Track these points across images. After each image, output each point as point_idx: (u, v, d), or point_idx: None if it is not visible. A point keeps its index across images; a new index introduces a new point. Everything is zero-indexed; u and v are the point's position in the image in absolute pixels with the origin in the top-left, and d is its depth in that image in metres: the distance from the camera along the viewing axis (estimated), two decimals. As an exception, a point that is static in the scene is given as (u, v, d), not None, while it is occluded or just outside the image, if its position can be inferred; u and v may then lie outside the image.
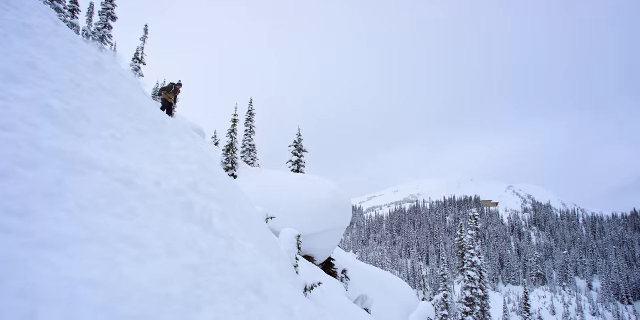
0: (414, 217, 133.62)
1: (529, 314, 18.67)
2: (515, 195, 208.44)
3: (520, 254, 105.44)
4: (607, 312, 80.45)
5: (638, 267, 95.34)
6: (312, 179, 12.89)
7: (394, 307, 12.57)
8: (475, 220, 20.80)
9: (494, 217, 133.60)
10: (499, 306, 79.13)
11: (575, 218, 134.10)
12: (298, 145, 18.64)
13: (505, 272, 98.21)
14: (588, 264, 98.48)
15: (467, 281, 19.35)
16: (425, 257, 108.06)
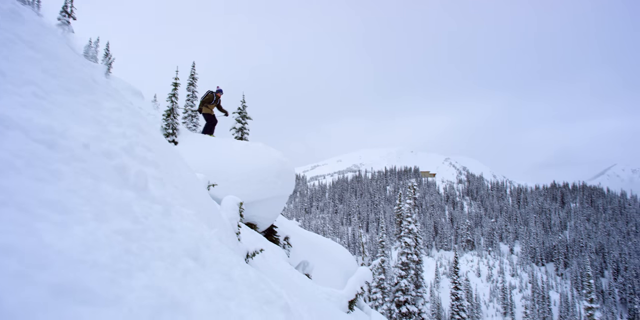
0: (356, 186, 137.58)
1: (457, 276, 20.21)
2: (452, 166, 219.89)
3: (453, 221, 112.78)
4: (523, 273, 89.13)
5: (552, 233, 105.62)
6: (256, 146, 12.72)
7: (334, 272, 13.05)
8: (414, 190, 21.70)
9: (431, 187, 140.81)
10: (432, 270, 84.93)
11: (503, 189, 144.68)
12: (242, 112, 18.19)
13: (438, 239, 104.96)
14: (511, 231, 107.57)
15: (404, 247, 20.40)
16: (365, 224, 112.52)
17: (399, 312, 19.40)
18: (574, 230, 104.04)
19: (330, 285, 11.07)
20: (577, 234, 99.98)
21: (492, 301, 78.94)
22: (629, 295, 78.00)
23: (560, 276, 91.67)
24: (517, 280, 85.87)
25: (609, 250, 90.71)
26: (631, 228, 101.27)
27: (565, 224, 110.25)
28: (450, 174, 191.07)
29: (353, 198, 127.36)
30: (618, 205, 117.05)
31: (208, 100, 11.93)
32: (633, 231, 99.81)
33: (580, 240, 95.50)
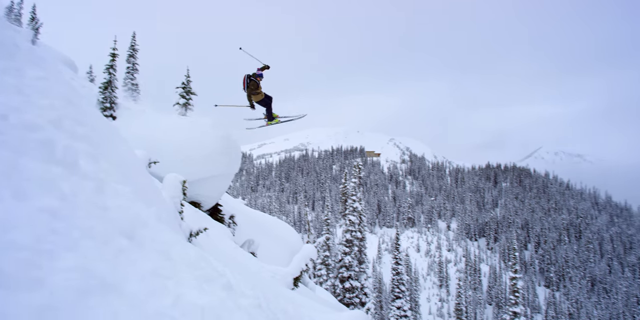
0: (303, 165, 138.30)
1: (398, 252, 21.14)
2: (396, 147, 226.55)
3: (395, 200, 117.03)
4: (458, 248, 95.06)
5: (485, 210, 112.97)
6: (201, 123, 12.32)
7: (279, 250, 13.17)
8: (359, 169, 22.15)
9: (376, 167, 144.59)
10: (374, 246, 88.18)
11: (443, 169, 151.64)
12: (186, 87, 17.46)
13: (381, 216, 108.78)
14: (449, 209, 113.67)
15: (348, 225, 20.93)
16: (311, 203, 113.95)
17: (343, 288, 20.07)
18: (504, 207, 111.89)
19: (276, 263, 11.17)
20: (506, 211, 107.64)
21: (430, 274, 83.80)
22: (546, 265, 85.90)
23: (490, 250, 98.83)
24: (452, 254, 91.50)
25: (532, 226, 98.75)
26: (552, 205, 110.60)
27: (497, 202, 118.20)
28: (394, 154, 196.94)
29: (300, 177, 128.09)
30: (542, 184, 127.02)
31: (254, 86, 10.25)
32: (553, 208, 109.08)
33: (509, 217, 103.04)
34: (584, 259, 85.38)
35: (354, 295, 20.04)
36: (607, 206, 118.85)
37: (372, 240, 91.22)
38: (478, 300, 74.35)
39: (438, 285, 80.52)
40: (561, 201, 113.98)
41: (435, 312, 72.16)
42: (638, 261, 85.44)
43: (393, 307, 21.19)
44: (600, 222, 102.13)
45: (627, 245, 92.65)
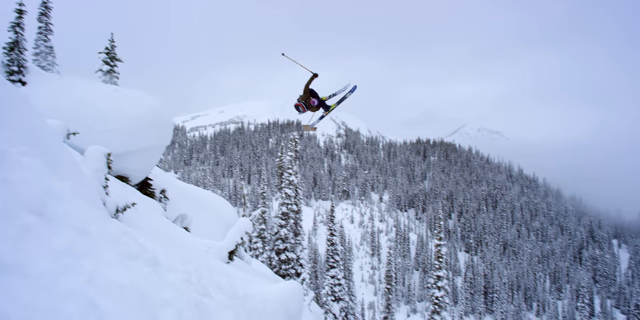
0: (238, 138, 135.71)
1: (333, 224, 21.70)
2: (332, 121, 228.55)
3: (331, 173, 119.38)
4: (390, 219, 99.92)
5: (415, 183, 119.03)
6: (128, 92, 11.46)
7: (214, 224, 12.95)
8: (295, 143, 22.13)
9: (312, 141, 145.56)
10: (310, 218, 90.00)
11: (377, 143, 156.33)
12: (111, 52, 16.13)
13: (317, 189, 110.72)
14: (382, 181, 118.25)
15: (284, 198, 21.03)
16: (247, 176, 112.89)
17: (279, 260, 20.35)
18: (432, 180, 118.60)
19: (211, 237, 10.99)
20: (434, 183, 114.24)
21: (363, 244, 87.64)
22: (467, 233, 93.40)
23: (418, 220, 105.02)
24: (384, 225, 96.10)
25: (456, 197, 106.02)
26: (473, 178, 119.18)
27: (426, 175, 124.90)
28: (330, 128, 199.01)
29: (235, 150, 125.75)
30: (465, 159, 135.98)
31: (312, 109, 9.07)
32: (474, 180, 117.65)
33: (436, 189, 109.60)
34: (498, 226, 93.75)
35: (290, 266, 20.44)
36: (519, 178, 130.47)
37: (307, 212, 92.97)
38: (407, 267, 79.39)
39: (370, 254, 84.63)
40: (481, 174, 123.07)
41: (368, 279, 76.18)
42: (541, 226, 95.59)
43: (328, 276, 21.92)
44: (512, 193, 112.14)
45: (533, 212, 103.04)
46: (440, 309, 20.71)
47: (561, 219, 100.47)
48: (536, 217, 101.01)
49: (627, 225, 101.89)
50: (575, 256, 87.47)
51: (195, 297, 2.27)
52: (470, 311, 71.11)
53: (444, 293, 20.81)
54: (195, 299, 2.23)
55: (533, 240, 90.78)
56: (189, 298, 2.19)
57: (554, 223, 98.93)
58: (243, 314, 2.79)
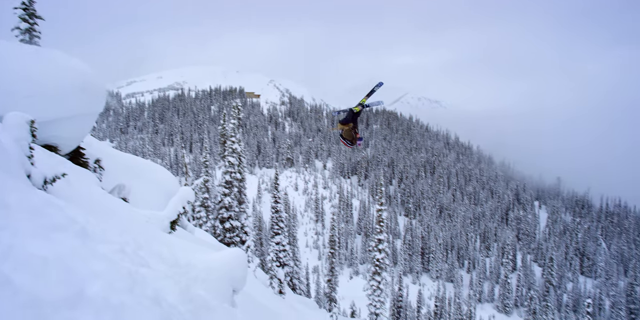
0: (179, 105, 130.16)
1: (277, 191, 21.81)
2: (276, 88, 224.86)
3: (275, 141, 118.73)
4: (333, 186, 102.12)
5: (358, 150, 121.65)
6: (53, 54, 10.44)
7: (154, 194, 12.56)
8: (238, 110, 21.63)
9: (255, 108, 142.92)
10: (254, 186, 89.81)
11: (320, 111, 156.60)
12: (29, 8, 14.48)
13: (261, 157, 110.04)
14: (325, 149, 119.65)
15: (228, 166, 20.73)
16: (188, 145, 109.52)
17: (223, 228, 20.31)
18: (374, 147, 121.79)
19: (151, 208, 10.69)
20: (376, 151, 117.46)
21: (307, 211, 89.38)
22: (406, 198, 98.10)
23: (361, 186, 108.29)
24: (327, 191, 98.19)
25: (397, 164, 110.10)
26: (413, 145, 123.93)
27: (368, 142, 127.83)
28: (274, 95, 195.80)
29: (175, 117, 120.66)
30: (406, 127, 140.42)
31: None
32: (414, 148, 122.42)
33: (378, 156, 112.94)
34: (435, 191, 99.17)
35: (235, 234, 20.50)
36: (455, 146, 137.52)
37: (252, 180, 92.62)
38: (349, 231, 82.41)
39: (314, 220, 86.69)
40: (421, 142, 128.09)
41: (312, 245, 78.41)
42: (474, 190, 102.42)
43: (272, 242, 22.26)
44: (449, 159, 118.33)
45: (467, 177, 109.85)
46: (380, 270, 21.83)
47: (491, 184, 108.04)
48: (470, 182, 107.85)
49: (547, 188, 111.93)
50: (502, 217, 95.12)
51: (130, 268, 2.24)
52: (409, 271, 75.98)
53: (384, 255, 21.90)
54: (129, 270, 2.20)
55: (466, 203, 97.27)
56: (122, 269, 2.16)
57: (485, 187, 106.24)
58: (183, 283, 2.79)
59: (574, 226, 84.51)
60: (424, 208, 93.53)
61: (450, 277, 74.11)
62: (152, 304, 2.13)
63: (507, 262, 72.01)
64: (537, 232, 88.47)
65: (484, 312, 63.01)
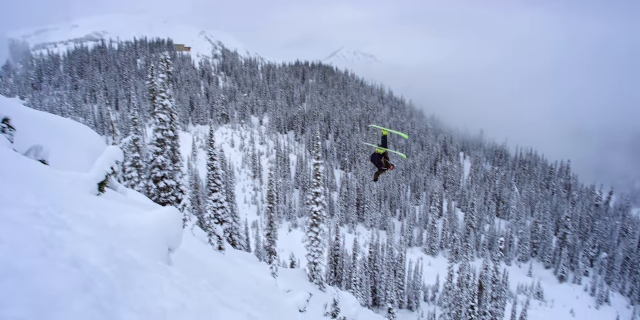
0: (100, 58, 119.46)
1: (212, 148, 21.36)
2: (207, 41, 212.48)
3: (208, 96, 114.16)
4: (270, 141, 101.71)
5: (294, 105, 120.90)
6: None
7: (77, 155, 11.83)
8: (167, 64, 20.40)
9: (186, 62, 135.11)
10: (189, 144, 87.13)
11: (255, 65, 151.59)
12: None
13: (194, 114, 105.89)
14: (261, 104, 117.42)
15: (158, 123, 19.80)
16: (114, 101, 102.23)
17: (157, 188, 19.77)
18: (310, 102, 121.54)
19: (76, 169, 10.12)
20: (312, 105, 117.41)
21: (244, 167, 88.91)
22: (342, 151, 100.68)
23: (298, 141, 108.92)
24: (264, 147, 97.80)
25: (333, 118, 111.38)
26: (349, 100, 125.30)
27: (304, 97, 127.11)
28: (206, 48, 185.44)
29: (97, 72, 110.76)
30: (342, 81, 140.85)
31: None
32: (350, 102, 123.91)
33: (314, 111, 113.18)
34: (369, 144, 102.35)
35: (170, 193, 20.07)
36: (389, 100, 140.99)
37: (186, 138, 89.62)
38: (287, 186, 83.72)
39: (252, 176, 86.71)
40: (356, 96, 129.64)
41: (250, 200, 78.94)
42: (405, 143, 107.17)
43: (210, 200, 22.12)
44: (383, 114, 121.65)
45: (400, 130, 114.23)
46: (318, 221, 22.69)
47: (422, 136, 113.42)
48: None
49: (471, 140, 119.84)
50: (431, 168, 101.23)
51: (43, 231, 2.18)
52: (345, 221, 79.70)
53: (321, 207, 22.68)
54: (43, 233, 2.15)
55: (398, 156, 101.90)
56: (35, 233, 2.11)
57: (416, 140, 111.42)
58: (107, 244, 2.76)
59: (493, 174, 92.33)
60: (359, 161, 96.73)
61: (383, 225, 78.97)
62: (69, 266, 2.13)
63: (435, 208, 77.87)
64: (462, 180, 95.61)
65: (413, 255, 68.62)
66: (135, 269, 2.66)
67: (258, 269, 14.99)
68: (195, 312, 2.81)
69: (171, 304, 2.65)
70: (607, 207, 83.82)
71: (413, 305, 48.98)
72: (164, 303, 2.55)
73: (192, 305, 2.89)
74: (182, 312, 2.65)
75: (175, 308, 2.63)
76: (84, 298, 1.98)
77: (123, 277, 2.39)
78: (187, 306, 2.80)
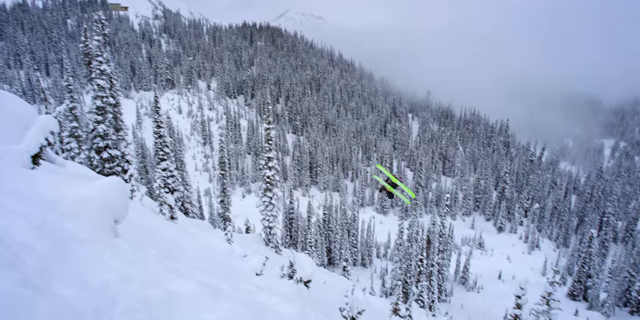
0: (22, 18, 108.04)
1: (158, 115, 20.47)
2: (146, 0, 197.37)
3: (151, 60, 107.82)
4: (219, 106, 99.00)
5: (243, 69, 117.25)
6: None
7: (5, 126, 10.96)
8: (102, 25, 18.96)
9: (124, 23, 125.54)
10: (133, 111, 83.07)
11: (200, 27, 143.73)
12: None
13: (137, 79, 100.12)
14: (208, 68, 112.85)
15: (97, 90, 18.66)
16: (44, 66, 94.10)
17: (101, 159, 18.93)
18: (259, 65, 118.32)
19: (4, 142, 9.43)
20: (261, 69, 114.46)
21: (194, 134, 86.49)
22: (294, 115, 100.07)
23: (248, 106, 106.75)
24: (214, 113, 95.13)
25: (283, 81, 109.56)
26: (299, 63, 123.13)
27: (253, 60, 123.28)
28: (145, 8, 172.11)
29: (20, 33, 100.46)
30: (291, 44, 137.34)
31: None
32: (300, 65, 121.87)
33: (264, 75, 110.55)
34: (321, 108, 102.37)
35: (115, 164, 19.30)
36: (339, 63, 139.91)
37: (129, 105, 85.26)
38: (239, 152, 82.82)
39: (202, 143, 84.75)
40: (306, 59, 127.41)
41: (202, 168, 77.61)
42: (356, 106, 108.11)
43: (159, 169, 21.50)
44: (333, 76, 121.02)
45: (350, 93, 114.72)
46: (271, 186, 22.80)
47: (372, 99, 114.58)
48: (352, 98, 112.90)
49: (418, 102, 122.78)
50: (381, 129, 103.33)
51: None
52: (299, 185, 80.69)
53: (274, 172, 22.74)
54: None
55: (350, 118, 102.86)
56: None
57: (366, 102, 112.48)
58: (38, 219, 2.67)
59: (439, 134, 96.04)
60: (310, 124, 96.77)
61: (336, 187, 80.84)
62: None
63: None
64: (410, 141, 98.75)
65: (366, 214, 71.29)
66: (75, 242, 2.60)
67: (212, 237, 14.98)
68: (142, 281, 2.84)
69: (114, 275, 2.65)
70: (540, 162, 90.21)
71: (367, 262, 51.47)
72: (106, 275, 2.56)
73: (138, 275, 2.92)
74: (127, 282, 2.67)
75: (119, 279, 2.64)
76: (8, 276, 1.94)
77: (59, 252, 2.35)
78: (133, 276, 2.81)
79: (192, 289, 3.46)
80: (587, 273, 42.10)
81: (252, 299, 4.36)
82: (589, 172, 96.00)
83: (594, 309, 38.50)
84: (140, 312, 2.56)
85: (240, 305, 3.62)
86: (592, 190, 73.02)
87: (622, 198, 74.35)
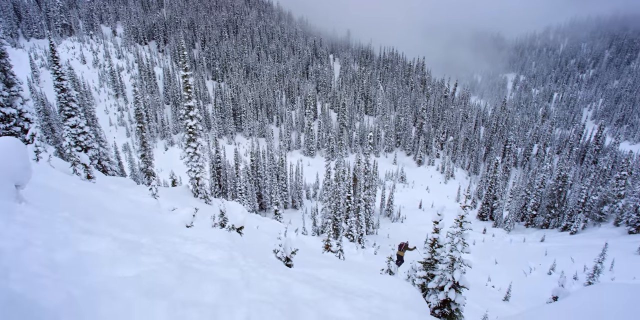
0: None
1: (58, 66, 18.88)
2: None
3: (40, 3, 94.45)
4: (129, 54, 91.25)
5: (151, 11, 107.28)
6: None
7: None
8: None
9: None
10: (25, 63, 74.35)
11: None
12: None
13: (25, 25, 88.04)
14: (111, 11, 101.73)
15: (-26, 43, 16.73)
16: None
17: (-6, 118, 17.51)
18: (170, 7, 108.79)
19: None
20: (172, 11, 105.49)
21: (103, 86, 79.90)
22: (212, 61, 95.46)
23: (161, 52, 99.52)
24: (124, 61, 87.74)
25: (198, 25, 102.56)
26: (213, 4, 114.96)
27: (162, 1, 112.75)
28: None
29: None
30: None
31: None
32: (215, 6, 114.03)
33: (176, 17, 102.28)
34: (240, 52, 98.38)
35: (12, 124, 17.97)
36: (256, 3, 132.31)
37: (19, 55, 76.02)
38: (157, 102, 78.64)
39: (114, 95, 78.91)
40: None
41: (117, 122, 73.05)
42: (277, 48, 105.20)
43: (67, 126, 20.39)
44: (251, 18, 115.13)
45: (270, 36, 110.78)
46: (195, 136, 22.43)
47: (292, 40, 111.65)
48: (272, 40, 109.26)
49: (339, 42, 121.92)
50: (303, 72, 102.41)
51: None
52: (223, 133, 79.50)
53: (196, 121, 22.27)
54: None
55: (271, 62, 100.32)
56: None
57: (287, 44, 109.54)
58: None
59: (361, 74, 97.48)
60: (230, 70, 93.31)
61: (262, 133, 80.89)
62: None
63: (310, 112, 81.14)
64: (332, 82, 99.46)
65: (293, 158, 72.99)
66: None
67: (136, 193, 14.90)
68: (45, 246, 2.93)
69: (11, 242, 2.77)
70: (453, 97, 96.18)
71: (297, 204, 53.80)
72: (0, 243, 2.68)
73: (40, 240, 3.02)
74: (27, 249, 2.77)
75: (17, 246, 2.74)
76: None
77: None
78: (34, 242, 2.92)
79: (107, 246, 3.42)
80: (493, 196, 47.94)
81: (176, 250, 4.35)
82: (495, 104, 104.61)
83: (499, 226, 44.39)
84: (44, 276, 2.47)
85: (163, 258, 3.61)
86: (497, 121, 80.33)
87: (522, 127, 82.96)
